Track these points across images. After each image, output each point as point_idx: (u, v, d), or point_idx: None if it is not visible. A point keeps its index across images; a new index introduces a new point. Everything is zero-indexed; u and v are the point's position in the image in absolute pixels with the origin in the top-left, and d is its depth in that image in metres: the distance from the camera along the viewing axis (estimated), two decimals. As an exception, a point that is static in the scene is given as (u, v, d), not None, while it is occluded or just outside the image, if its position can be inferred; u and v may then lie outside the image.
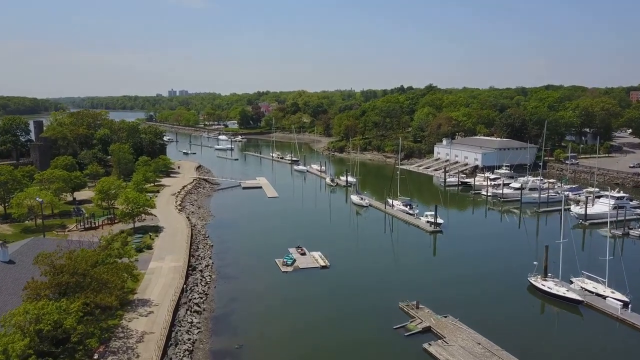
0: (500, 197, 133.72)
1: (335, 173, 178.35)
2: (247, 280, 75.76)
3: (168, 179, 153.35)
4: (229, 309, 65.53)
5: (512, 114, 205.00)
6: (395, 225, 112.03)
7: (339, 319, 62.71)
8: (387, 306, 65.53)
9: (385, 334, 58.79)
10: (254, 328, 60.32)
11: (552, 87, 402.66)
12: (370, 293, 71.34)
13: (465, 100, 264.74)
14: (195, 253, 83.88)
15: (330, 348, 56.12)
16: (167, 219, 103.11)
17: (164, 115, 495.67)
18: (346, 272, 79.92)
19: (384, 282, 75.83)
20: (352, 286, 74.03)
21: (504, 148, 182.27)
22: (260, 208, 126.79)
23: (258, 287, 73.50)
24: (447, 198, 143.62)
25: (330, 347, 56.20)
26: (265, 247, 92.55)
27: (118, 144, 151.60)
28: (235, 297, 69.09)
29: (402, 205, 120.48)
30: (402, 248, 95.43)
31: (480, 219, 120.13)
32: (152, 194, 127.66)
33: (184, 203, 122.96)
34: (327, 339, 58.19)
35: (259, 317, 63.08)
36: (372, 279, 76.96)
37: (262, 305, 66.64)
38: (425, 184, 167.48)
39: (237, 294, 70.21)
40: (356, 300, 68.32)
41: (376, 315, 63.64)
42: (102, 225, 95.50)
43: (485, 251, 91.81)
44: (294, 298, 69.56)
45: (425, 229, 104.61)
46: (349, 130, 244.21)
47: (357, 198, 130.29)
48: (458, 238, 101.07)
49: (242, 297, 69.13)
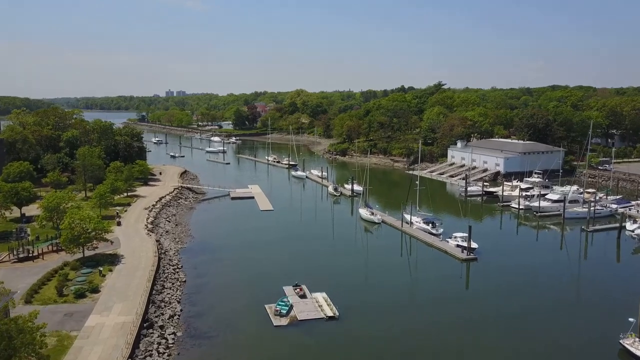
0: (537, 212, 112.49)
1: (339, 180, 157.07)
2: (225, 342, 54.32)
3: (145, 188, 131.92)
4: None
5: (535, 114, 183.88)
6: (416, 248, 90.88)
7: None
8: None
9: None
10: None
11: (558, 87, 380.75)
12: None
13: (477, 99, 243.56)
14: (158, 297, 62.46)
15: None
16: (131, 243, 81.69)
17: (157, 115, 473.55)
18: (362, 325, 58.67)
19: (414, 339, 54.69)
20: (372, 348, 52.86)
21: (529, 152, 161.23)
22: (250, 225, 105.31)
23: (239, 353, 52.27)
24: (469, 210, 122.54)
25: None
26: (254, 282, 71.43)
27: (87, 146, 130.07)
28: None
29: (422, 222, 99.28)
30: (429, 284, 74.06)
31: (519, 241, 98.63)
32: (121, 207, 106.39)
33: (158, 220, 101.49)
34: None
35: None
36: (397, 338, 55.72)
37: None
38: (440, 193, 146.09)
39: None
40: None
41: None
42: (43, 255, 74.07)
43: (541, 291, 70.59)
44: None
45: (456, 255, 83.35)
46: (352, 131, 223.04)
47: (366, 212, 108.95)
48: (499, 269, 79.67)
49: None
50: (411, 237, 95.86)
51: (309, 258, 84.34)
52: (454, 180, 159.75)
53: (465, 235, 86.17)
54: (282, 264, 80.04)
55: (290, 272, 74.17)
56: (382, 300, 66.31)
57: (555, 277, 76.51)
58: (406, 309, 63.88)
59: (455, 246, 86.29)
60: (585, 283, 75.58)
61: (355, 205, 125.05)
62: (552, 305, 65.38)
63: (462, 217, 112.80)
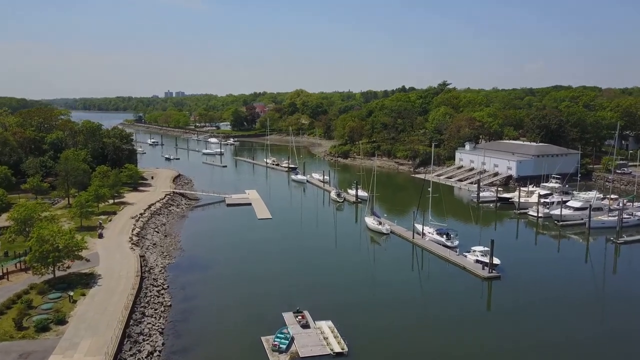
0: (559, 221, 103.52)
1: (341, 184, 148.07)
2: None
3: (134, 194, 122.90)
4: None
5: (547, 114, 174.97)
6: (430, 263, 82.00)
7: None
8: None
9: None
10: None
11: (560, 87, 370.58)
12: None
13: (484, 99, 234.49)
14: (135, 329, 53.36)
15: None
16: (112, 260, 72.73)
17: (153, 116, 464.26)
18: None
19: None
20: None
21: (543, 155, 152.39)
22: (246, 236, 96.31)
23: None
24: (482, 218, 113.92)
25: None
26: (249, 307, 62.42)
27: (72, 149, 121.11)
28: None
29: (436, 233, 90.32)
30: (447, 305, 64.91)
31: (542, 255, 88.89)
32: (106, 216, 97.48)
33: (145, 231, 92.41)
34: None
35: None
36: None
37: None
38: (448, 198, 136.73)
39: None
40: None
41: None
42: (8, 275, 65.02)
43: (574, 314, 61.68)
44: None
45: (476, 273, 74.38)
46: (354, 132, 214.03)
47: (373, 222, 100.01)
48: (524, 288, 70.62)
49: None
50: (423, 249, 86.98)
51: (311, 275, 75.40)
52: (463, 185, 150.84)
53: (486, 249, 77.37)
54: (281, 283, 71.03)
55: (290, 294, 65.39)
56: (395, 326, 57.39)
57: (587, 297, 67.60)
58: (424, 339, 54.91)
59: (474, 262, 77.38)
60: (622, 304, 66.54)
61: (360, 212, 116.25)
62: (591, 331, 56.50)
63: (475, 225, 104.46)
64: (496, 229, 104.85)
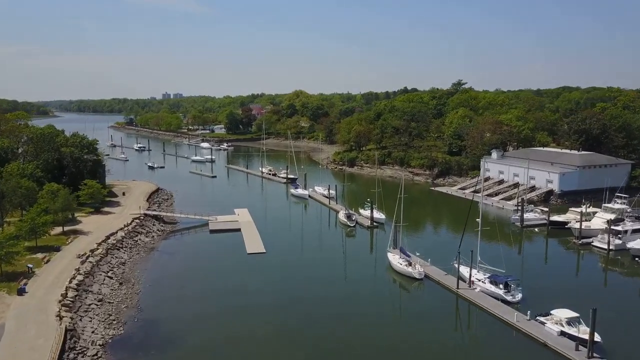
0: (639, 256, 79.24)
1: (351, 202, 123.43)
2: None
3: (95, 217, 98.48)
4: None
5: (587, 117, 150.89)
6: (485, 328, 57.61)
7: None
8: None
9: None
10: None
11: (569, 89, 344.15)
12: None
13: (506, 100, 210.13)
14: None
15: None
16: (19, 341, 48.31)
17: (145, 118, 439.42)
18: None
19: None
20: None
21: (589, 165, 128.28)
22: (230, 282, 71.68)
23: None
24: (531, 250, 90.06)
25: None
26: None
27: (17, 162, 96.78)
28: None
29: (489, 282, 66.03)
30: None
31: (633, 308, 65.06)
32: (44, 254, 73.15)
33: (91, 278, 67.68)
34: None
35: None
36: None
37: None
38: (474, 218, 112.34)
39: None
40: None
41: None
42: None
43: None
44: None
45: (564, 354, 50.02)
46: (361, 137, 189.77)
47: (400, 261, 75.36)
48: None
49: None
50: (472, 304, 62.78)
51: (319, 349, 51.17)
52: (495, 201, 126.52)
53: (574, 315, 53.30)
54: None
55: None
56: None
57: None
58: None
59: (557, 334, 53.07)
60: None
61: (376, 240, 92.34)
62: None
63: (529, 263, 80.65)
64: (566, 270, 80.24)
